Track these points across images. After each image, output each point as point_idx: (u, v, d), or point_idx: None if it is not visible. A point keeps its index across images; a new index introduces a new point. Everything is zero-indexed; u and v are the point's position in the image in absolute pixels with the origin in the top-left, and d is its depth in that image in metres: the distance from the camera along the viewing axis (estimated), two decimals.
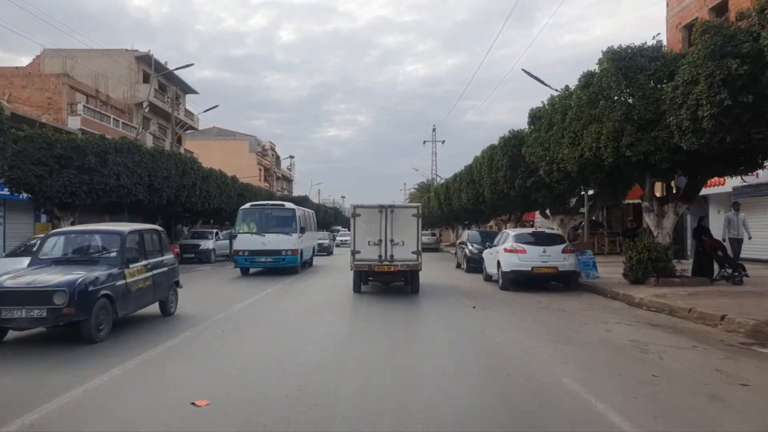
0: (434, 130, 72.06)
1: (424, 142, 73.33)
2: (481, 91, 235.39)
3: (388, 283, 14.34)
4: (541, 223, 43.33)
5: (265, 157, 75.20)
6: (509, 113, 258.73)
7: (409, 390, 5.50)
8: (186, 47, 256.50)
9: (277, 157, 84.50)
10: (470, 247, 20.19)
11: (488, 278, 16.52)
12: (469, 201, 28.02)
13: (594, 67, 12.11)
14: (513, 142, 18.85)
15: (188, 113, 49.93)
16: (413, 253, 13.04)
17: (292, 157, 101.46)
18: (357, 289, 13.72)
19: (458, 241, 22.69)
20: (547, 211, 21.63)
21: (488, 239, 21.46)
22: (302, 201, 64.98)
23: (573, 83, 13.59)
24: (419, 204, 15.10)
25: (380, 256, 13.03)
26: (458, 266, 22.66)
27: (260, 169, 71.78)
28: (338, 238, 54.06)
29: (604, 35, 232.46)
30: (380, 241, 13.06)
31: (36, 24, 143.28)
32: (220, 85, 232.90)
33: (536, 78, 20.60)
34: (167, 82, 46.72)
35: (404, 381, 5.85)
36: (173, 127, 30.41)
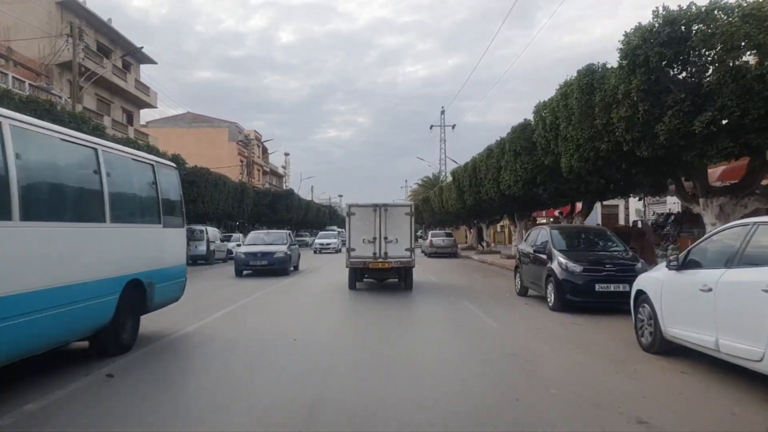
0: (443, 112, 61.38)
1: (431, 127, 63.00)
2: (481, 91, 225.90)
3: (382, 279, 14.63)
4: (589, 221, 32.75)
5: (248, 147, 65.10)
6: (509, 113, 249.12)
7: None
8: (185, 48, 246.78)
9: (264, 149, 74.35)
10: (561, 260, 10.07)
11: (663, 343, 6.49)
12: (518, 182, 17.95)
13: None
14: (661, 43, 8.67)
15: (141, 85, 40.08)
16: (406, 250, 13.46)
17: (287, 154, 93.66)
18: (352, 286, 13.95)
19: (527, 249, 12.52)
20: (693, 191, 11.65)
21: (585, 244, 11.58)
22: (287, 196, 55.28)
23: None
24: (412, 203, 15.92)
25: (375, 254, 13.37)
26: (523, 293, 12.64)
27: (242, 161, 61.73)
28: (317, 241, 38.77)
29: (604, 35, 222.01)
30: (375, 239, 13.40)
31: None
32: (219, 86, 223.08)
33: None
34: (111, 45, 36.99)
35: None
36: (75, 79, 20.34)
